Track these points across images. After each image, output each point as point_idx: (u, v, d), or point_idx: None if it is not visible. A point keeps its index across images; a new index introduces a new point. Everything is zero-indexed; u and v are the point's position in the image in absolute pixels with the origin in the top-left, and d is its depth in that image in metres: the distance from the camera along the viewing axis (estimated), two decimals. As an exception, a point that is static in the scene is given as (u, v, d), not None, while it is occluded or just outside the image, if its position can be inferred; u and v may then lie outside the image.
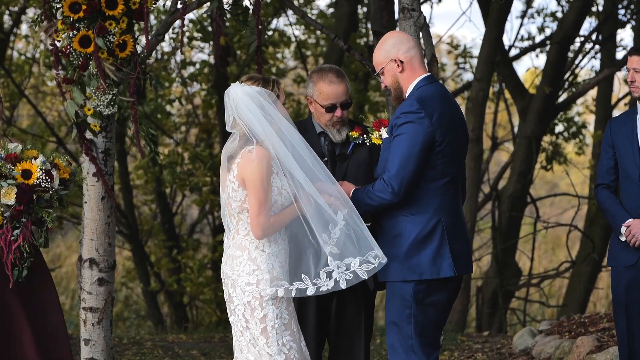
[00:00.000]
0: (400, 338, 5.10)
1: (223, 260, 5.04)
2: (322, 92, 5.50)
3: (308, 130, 5.59)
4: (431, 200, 5.08)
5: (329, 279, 4.88)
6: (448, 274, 5.07)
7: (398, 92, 5.22)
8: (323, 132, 5.58)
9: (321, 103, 5.51)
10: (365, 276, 4.88)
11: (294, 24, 15.84)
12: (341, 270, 4.88)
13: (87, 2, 5.53)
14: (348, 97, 5.54)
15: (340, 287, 4.88)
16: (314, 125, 5.61)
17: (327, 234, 4.88)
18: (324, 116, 5.53)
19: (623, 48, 15.14)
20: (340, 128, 5.54)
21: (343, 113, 5.52)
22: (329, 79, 5.50)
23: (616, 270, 5.79)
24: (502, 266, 13.89)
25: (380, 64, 5.22)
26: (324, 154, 5.55)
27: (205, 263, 15.65)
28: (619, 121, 5.88)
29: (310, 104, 5.60)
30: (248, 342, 4.93)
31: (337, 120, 5.52)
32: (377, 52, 5.25)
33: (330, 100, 5.50)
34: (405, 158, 5.00)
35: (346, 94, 5.52)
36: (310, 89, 5.57)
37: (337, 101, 5.50)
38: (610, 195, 5.83)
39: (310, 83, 5.58)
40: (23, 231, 5.23)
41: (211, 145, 16.12)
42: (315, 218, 4.88)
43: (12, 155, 5.26)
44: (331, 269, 4.87)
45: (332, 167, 5.53)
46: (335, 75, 5.51)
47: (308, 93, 5.60)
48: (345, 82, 5.53)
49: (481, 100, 12.05)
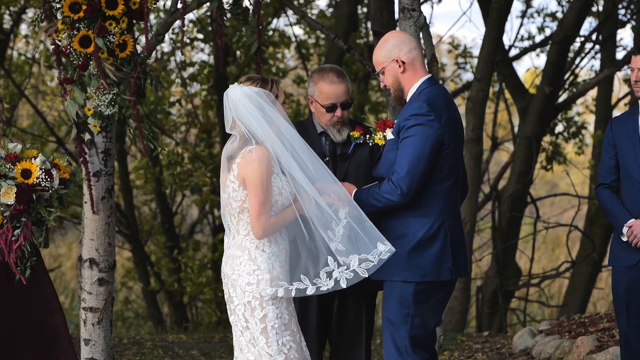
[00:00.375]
0: (395, 338, 5.10)
1: (223, 260, 5.04)
2: (322, 91, 5.50)
3: (309, 130, 5.59)
4: (436, 202, 5.08)
5: (329, 279, 4.88)
6: (447, 276, 5.09)
7: (399, 93, 5.21)
8: (324, 132, 5.58)
9: (321, 103, 5.51)
10: (366, 274, 4.88)
11: (294, 24, 15.85)
12: (341, 269, 4.88)
13: (87, 2, 5.53)
14: (348, 97, 5.53)
15: (341, 286, 4.88)
16: (314, 125, 5.61)
17: (332, 232, 4.88)
18: (324, 116, 5.53)
19: (623, 48, 15.16)
20: (340, 128, 5.54)
21: (343, 113, 5.51)
22: (330, 78, 5.50)
23: (617, 271, 5.79)
24: (502, 266, 13.89)
25: (381, 63, 5.21)
26: (325, 154, 5.55)
27: (205, 263, 15.65)
28: (620, 121, 5.87)
29: (311, 104, 5.60)
30: (248, 342, 4.93)
31: (338, 120, 5.52)
32: (377, 51, 5.23)
33: (330, 100, 5.49)
34: (415, 160, 4.99)
35: (347, 94, 5.52)
36: (311, 89, 5.57)
37: (338, 101, 5.50)
38: (612, 195, 5.83)
39: (310, 82, 5.58)
40: (24, 231, 5.23)
41: (211, 145, 16.12)
42: (317, 217, 4.88)
43: (11, 154, 5.26)
44: (331, 268, 4.88)
45: (333, 167, 5.52)
46: (336, 75, 5.51)
47: (309, 93, 5.60)
48: (346, 82, 5.53)
49: (481, 100, 12.04)
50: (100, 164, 5.93)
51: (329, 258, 4.87)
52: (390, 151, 5.15)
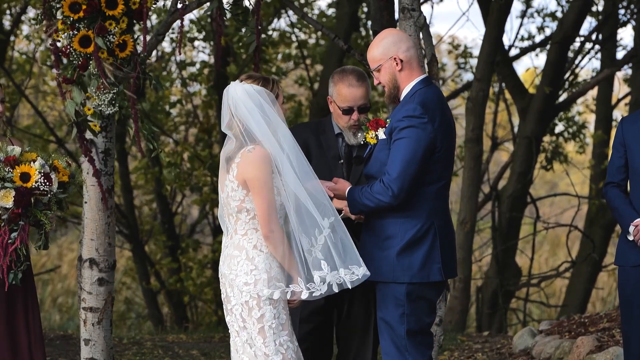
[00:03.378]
0: (394, 338, 5.10)
1: (221, 259, 5.03)
2: (340, 93, 5.45)
3: (327, 130, 5.56)
4: (425, 204, 5.08)
5: (322, 283, 4.86)
6: (437, 278, 5.09)
7: (394, 91, 5.18)
8: (341, 133, 5.55)
9: (339, 105, 5.47)
10: (349, 286, 4.85)
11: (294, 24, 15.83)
12: (334, 273, 4.86)
13: (87, 2, 5.53)
14: (367, 101, 5.47)
15: (334, 290, 4.86)
16: (332, 126, 5.58)
17: (314, 238, 4.86)
18: (341, 118, 5.50)
19: (623, 48, 15.15)
20: (356, 132, 5.49)
21: (360, 117, 5.46)
22: (349, 81, 5.45)
23: (623, 270, 5.77)
24: (502, 266, 13.89)
25: (378, 60, 5.17)
26: (340, 156, 5.53)
27: (205, 263, 15.65)
28: (630, 120, 5.86)
29: (330, 104, 5.55)
30: (244, 342, 4.92)
31: (354, 123, 5.47)
32: (374, 48, 5.18)
33: (347, 103, 5.45)
34: (407, 162, 4.98)
35: (365, 98, 5.46)
36: (331, 89, 5.52)
37: (355, 104, 5.45)
38: (620, 194, 5.82)
39: (331, 83, 5.53)
40: (20, 234, 5.22)
41: (211, 145, 16.12)
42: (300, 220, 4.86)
43: (10, 158, 5.25)
44: (325, 273, 4.86)
45: (348, 169, 5.50)
46: (356, 79, 5.45)
47: (329, 93, 5.55)
48: (366, 86, 5.47)
49: (481, 100, 12.04)
50: (100, 163, 5.93)
51: (321, 262, 4.85)
52: (381, 151, 5.14)
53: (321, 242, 4.85)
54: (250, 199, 4.88)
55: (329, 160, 5.50)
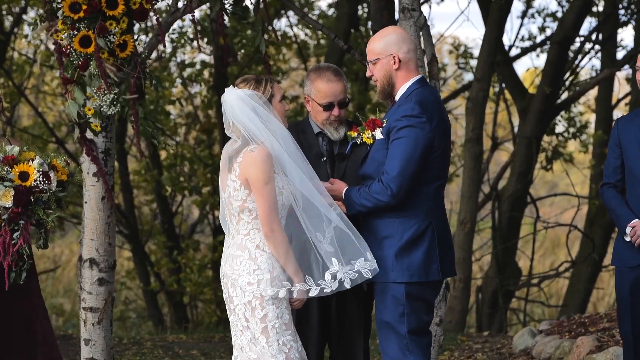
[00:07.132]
0: (394, 338, 5.10)
1: (222, 260, 5.03)
2: (319, 90, 5.49)
3: (305, 131, 5.58)
4: (423, 203, 5.09)
5: (333, 280, 4.88)
6: (436, 277, 5.10)
7: (388, 88, 5.20)
8: (321, 132, 5.57)
9: (319, 101, 5.50)
10: (370, 275, 4.89)
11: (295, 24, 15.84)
12: (345, 270, 4.88)
13: (88, 2, 5.53)
14: (346, 96, 5.52)
15: (345, 287, 4.88)
16: (311, 126, 5.60)
17: (321, 233, 4.88)
18: (321, 114, 5.52)
19: (623, 48, 15.15)
20: (337, 126, 5.53)
21: (340, 112, 5.51)
22: (327, 77, 5.48)
23: (621, 271, 5.77)
24: (502, 266, 13.89)
25: (376, 54, 5.18)
26: (322, 154, 5.55)
27: (205, 263, 15.65)
28: (626, 120, 5.86)
29: (307, 103, 5.59)
30: (249, 341, 4.93)
31: (335, 118, 5.51)
32: (376, 42, 5.20)
33: (327, 99, 5.49)
34: (406, 161, 5.00)
35: (344, 93, 5.51)
36: (308, 87, 5.55)
37: (335, 99, 5.49)
38: (616, 195, 5.82)
39: (307, 81, 5.57)
40: (22, 233, 5.22)
41: (211, 145, 16.11)
42: (308, 217, 4.88)
43: (9, 157, 5.25)
44: (336, 269, 4.87)
45: (331, 166, 5.52)
46: (333, 74, 5.50)
47: (305, 92, 5.59)
48: (343, 81, 5.52)
49: (481, 100, 12.04)
50: (101, 164, 5.92)
51: (333, 258, 4.87)
52: (378, 151, 5.15)
53: (330, 235, 4.87)
54: (252, 199, 4.89)
55: (312, 159, 5.48)
